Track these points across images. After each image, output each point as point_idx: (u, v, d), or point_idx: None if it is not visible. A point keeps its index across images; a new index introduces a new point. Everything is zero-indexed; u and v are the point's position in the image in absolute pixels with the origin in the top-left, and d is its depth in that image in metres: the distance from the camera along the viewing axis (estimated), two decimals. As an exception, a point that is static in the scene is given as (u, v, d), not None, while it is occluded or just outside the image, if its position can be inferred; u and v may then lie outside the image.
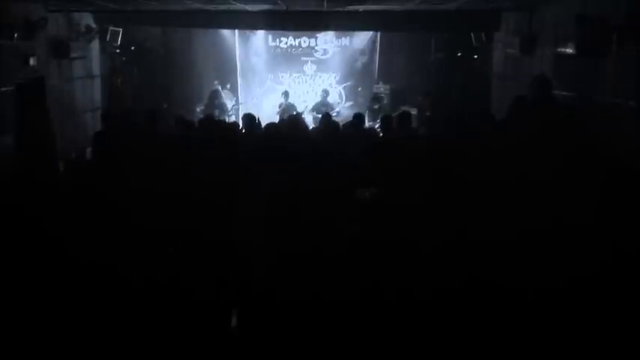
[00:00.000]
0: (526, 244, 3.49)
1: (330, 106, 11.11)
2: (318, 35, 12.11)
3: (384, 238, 3.66)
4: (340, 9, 8.38)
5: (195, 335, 3.30)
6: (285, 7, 8.02)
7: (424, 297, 3.29)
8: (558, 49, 6.87)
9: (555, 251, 3.34)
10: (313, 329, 3.33)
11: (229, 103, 11.59)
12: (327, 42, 12.21)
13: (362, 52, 12.26)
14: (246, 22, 9.50)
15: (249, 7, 8.29)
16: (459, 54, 10.55)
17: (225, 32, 11.91)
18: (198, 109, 11.21)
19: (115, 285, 3.45)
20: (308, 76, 12.39)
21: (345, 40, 12.18)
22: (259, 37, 12.13)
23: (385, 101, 11.52)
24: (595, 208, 3.59)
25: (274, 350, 3.33)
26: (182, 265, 3.63)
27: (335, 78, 12.34)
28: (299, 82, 12.39)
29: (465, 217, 3.73)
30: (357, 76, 12.28)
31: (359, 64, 12.29)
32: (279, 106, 11.11)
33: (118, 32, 9.42)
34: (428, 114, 9.95)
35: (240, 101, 11.90)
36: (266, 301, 3.55)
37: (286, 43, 12.23)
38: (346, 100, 12.19)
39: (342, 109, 11.70)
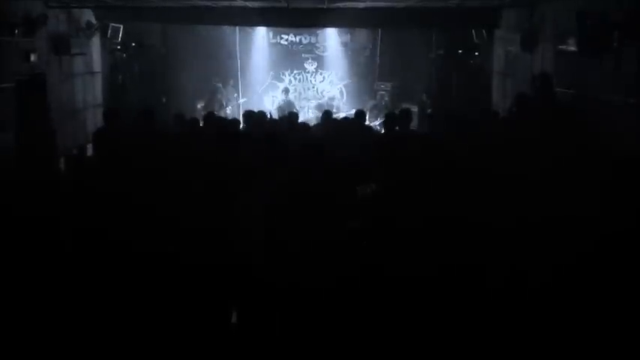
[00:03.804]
0: (528, 240, 3.49)
1: (330, 104, 11.09)
2: (318, 32, 12.10)
3: (384, 234, 3.66)
4: (341, 6, 8.38)
5: (195, 331, 3.30)
6: (285, 4, 8.01)
7: (424, 290, 3.30)
8: (559, 46, 6.86)
9: (557, 247, 3.34)
10: (313, 324, 3.33)
11: (232, 100, 11.59)
12: (328, 39, 12.20)
13: (363, 49, 12.24)
14: (247, 18, 9.49)
15: (250, 4, 8.29)
16: (460, 51, 10.54)
17: (226, 29, 11.89)
18: (198, 106, 11.21)
19: (115, 282, 3.45)
20: (309, 73, 12.38)
21: (345, 37, 12.17)
22: (260, 33, 12.12)
23: (386, 98, 11.51)
24: (596, 203, 3.59)
25: (274, 346, 3.34)
26: (182, 263, 3.63)
27: (336, 75, 12.33)
28: (300, 79, 12.38)
29: (467, 213, 3.73)
30: (358, 73, 12.28)
31: (360, 61, 12.28)
32: (279, 104, 11.12)
33: (119, 28, 9.42)
34: (429, 111, 9.95)
35: (240, 98, 11.90)
36: (266, 297, 3.56)
37: (287, 40, 12.23)
38: (347, 98, 12.18)
39: (343, 106, 11.69)
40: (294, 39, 12.22)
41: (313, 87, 12.31)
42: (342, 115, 10.20)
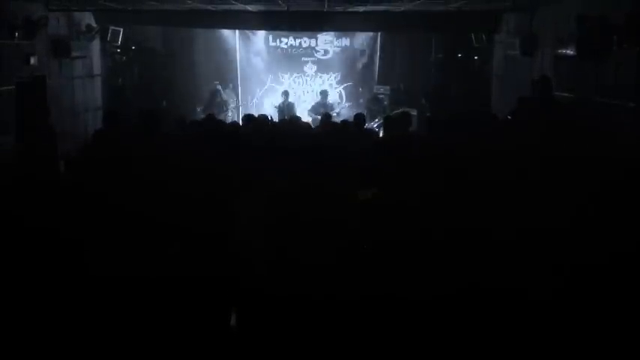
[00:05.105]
0: (527, 245, 3.49)
1: (330, 107, 11.10)
2: (318, 35, 12.11)
3: (384, 238, 3.66)
4: (341, 9, 8.40)
5: (194, 334, 3.30)
6: (285, 8, 8.03)
7: (424, 297, 3.29)
8: (558, 50, 6.88)
9: (556, 251, 3.34)
10: (313, 328, 3.33)
11: (232, 103, 11.60)
12: (328, 42, 12.21)
13: (362, 53, 12.26)
14: (247, 22, 9.53)
15: (250, 7, 8.31)
16: (460, 55, 10.57)
17: (226, 32, 11.92)
18: (198, 109, 11.23)
19: (114, 284, 3.45)
20: (308, 76, 12.39)
21: (345, 41, 12.18)
22: (260, 37, 12.14)
23: (385, 102, 11.53)
24: (595, 207, 3.59)
25: (273, 349, 3.34)
26: (182, 264, 3.63)
27: (335, 78, 12.34)
28: (299, 83, 12.39)
29: (466, 218, 3.73)
30: (358, 76, 12.29)
31: (359, 64, 12.29)
32: (279, 107, 11.13)
33: (119, 32, 9.44)
34: (428, 114, 9.97)
35: (240, 101, 11.92)
36: (265, 300, 3.55)
37: (287, 43, 12.23)
38: (346, 101, 12.20)
39: (342, 110, 11.71)
40: (293, 42, 12.23)
41: (312, 90, 12.32)
42: (341, 118, 10.21)
